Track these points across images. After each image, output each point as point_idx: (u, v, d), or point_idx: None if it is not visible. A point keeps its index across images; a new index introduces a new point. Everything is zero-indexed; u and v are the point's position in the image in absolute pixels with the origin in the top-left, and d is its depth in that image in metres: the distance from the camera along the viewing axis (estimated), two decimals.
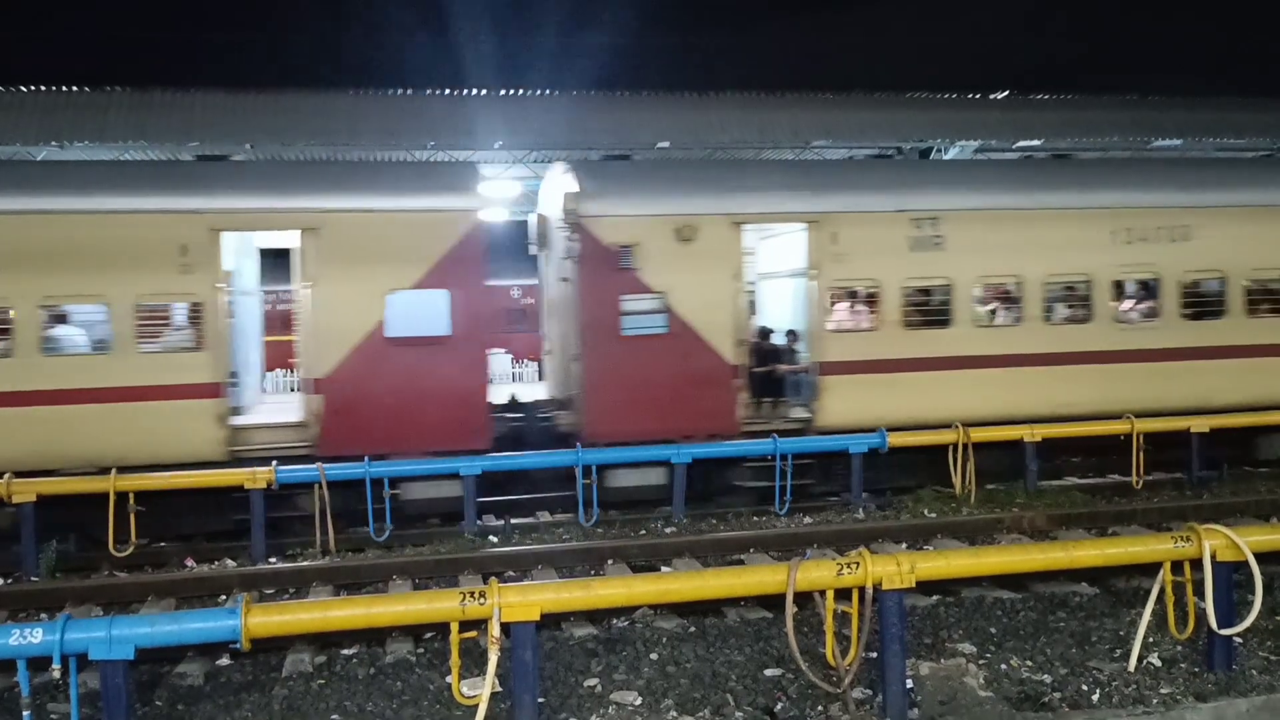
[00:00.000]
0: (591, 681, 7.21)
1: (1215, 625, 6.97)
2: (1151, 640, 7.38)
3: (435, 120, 19.72)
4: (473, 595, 6.08)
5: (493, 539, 11.59)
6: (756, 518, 12.32)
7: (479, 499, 12.16)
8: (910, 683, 6.67)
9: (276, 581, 10.05)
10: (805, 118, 20.90)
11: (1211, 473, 13.66)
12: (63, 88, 19.05)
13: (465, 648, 6.40)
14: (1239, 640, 7.26)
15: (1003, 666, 7.29)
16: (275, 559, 11.19)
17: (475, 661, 6.93)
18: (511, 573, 10.17)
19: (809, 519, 12.21)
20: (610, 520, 12.27)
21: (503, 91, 20.89)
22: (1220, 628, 6.97)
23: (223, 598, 9.61)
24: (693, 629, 8.33)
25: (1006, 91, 23.27)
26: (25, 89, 18.92)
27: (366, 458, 11.66)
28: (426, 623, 7.54)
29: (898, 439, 12.57)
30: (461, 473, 11.85)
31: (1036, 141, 20.89)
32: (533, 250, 15.34)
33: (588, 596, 6.69)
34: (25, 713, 5.82)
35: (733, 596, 8.04)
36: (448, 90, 20.79)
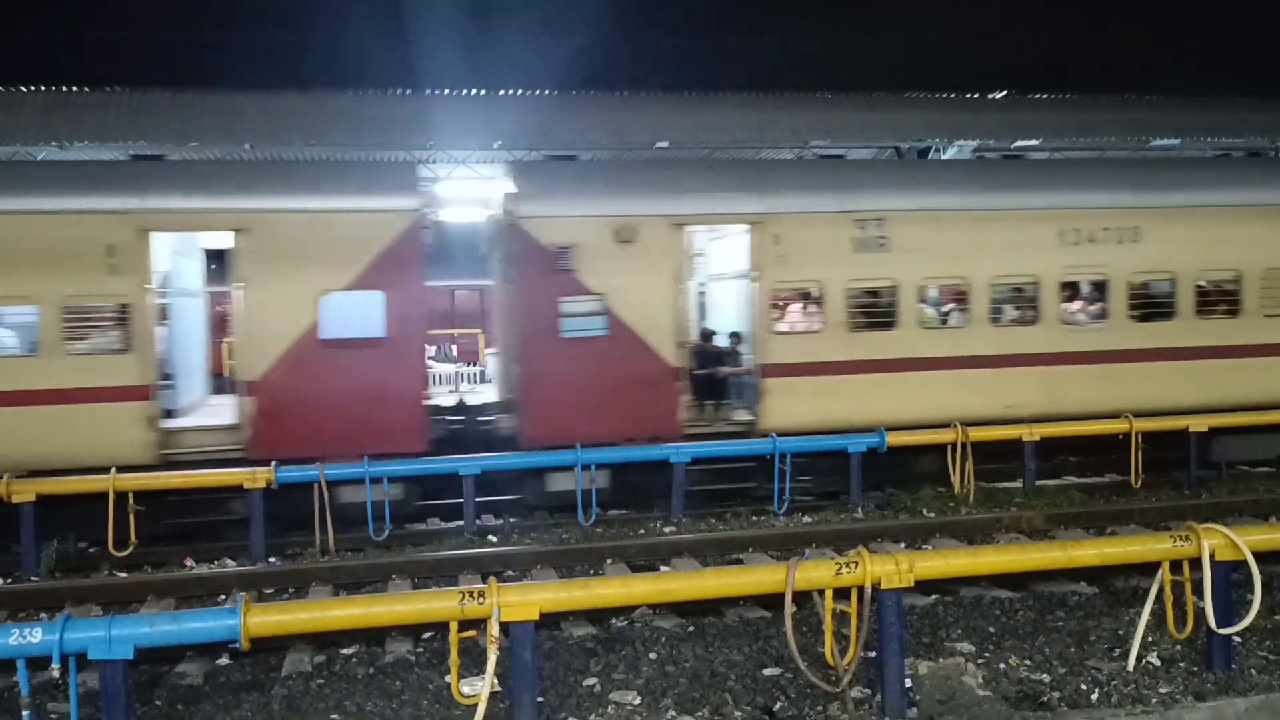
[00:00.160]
0: (590, 681, 7.22)
1: (1214, 624, 6.98)
2: (1150, 639, 7.38)
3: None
4: (472, 595, 6.08)
5: (492, 538, 11.60)
6: (756, 517, 12.34)
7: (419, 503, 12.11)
8: (909, 682, 6.67)
9: (276, 581, 10.07)
10: (805, 117, 20.85)
11: (1210, 472, 13.68)
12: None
13: (464, 647, 6.40)
14: (1238, 639, 7.27)
15: (1001, 666, 7.29)
16: (275, 559, 11.22)
17: (474, 661, 6.94)
18: (511, 572, 10.20)
19: (808, 518, 12.23)
20: (610, 520, 12.28)
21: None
22: (1219, 627, 6.98)
23: (222, 597, 9.63)
24: (692, 628, 8.34)
25: (1005, 91, 23.27)
26: None
27: (366, 458, 11.66)
28: (426, 622, 7.56)
29: (896, 438, 12.57)
30: (461, 472, 11.86)
31: (1035, 141, 20.84)
32: (485, 251, 15.15)
33: (587, 596, 6.70)
34: (25, 712, 5.83)
35: (731, 596, 8.06)
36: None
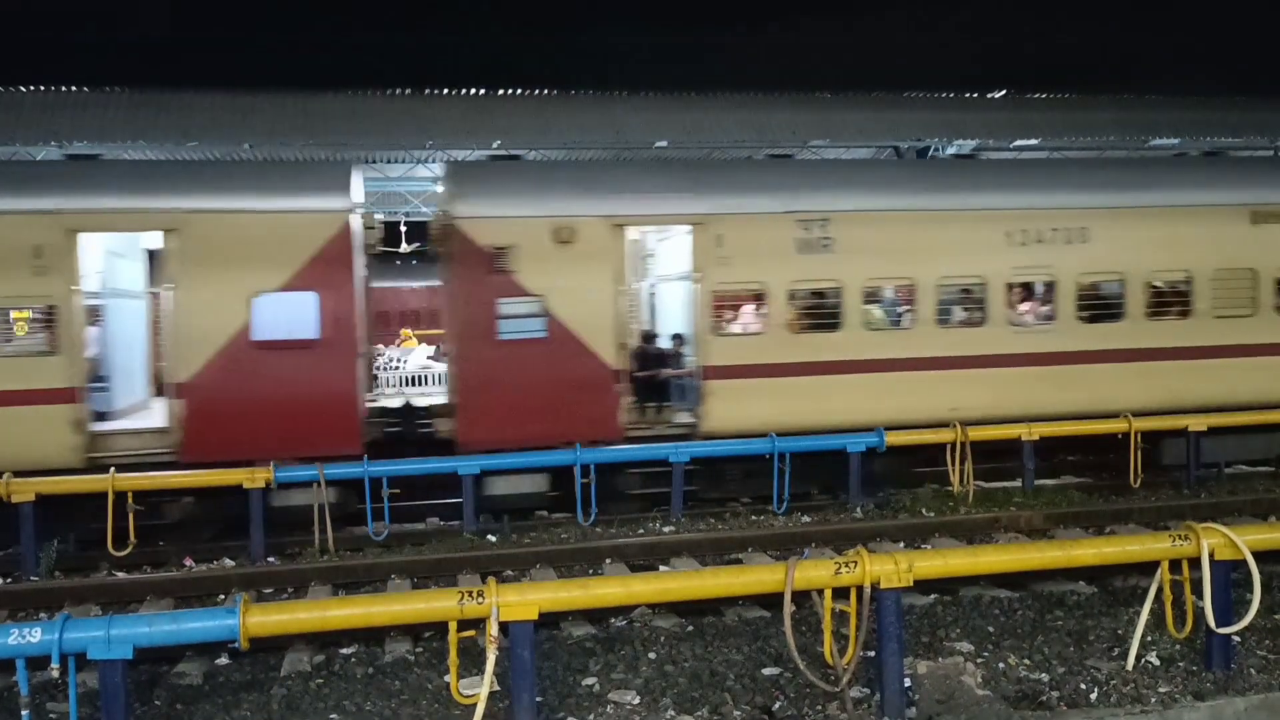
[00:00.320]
0: (590, 681, 7.22)
1: (1213, 624, 6.97)
2: (1149, 639, 7.38)
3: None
4: (471, 594, 6.08)
5: (491, 538, 11.60)
6: (755, 517, 12.34)
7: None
8: (908, 681, 6.67)
9: (275, 581, 10.06)
10: (803, 119, 20.93)
11: (1210, 470, 13.69)
12: None
13: (463, 647, 6.40)
14: (1237, 639, 7.26)
15: (1000, 665, 7.29)
16: (274, 558, 11.21)
17: (473, 661, 6.94)
18: (510, 572, 10.21)
19: (807, 518, 12.23)
20: (609, 519, 12.28)
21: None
22: (1218, 626, 6.98)
23: (221, 597, 9.61)
24: (691, 628, 8.34)
25: (1004, 91, 23.33)
26: None
27: (366, 458, 11.67)
28: (425, 622, 7.53)
29: (893, 438, 12.56)
30: (460, 472, 11.85)
31: (1034, 140, 20.89)
32: (431, 252, 14.88)
33: (586, 596, 6.70)
34: (24, 712, 5.82)
35: (731, 596, 8.07)
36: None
